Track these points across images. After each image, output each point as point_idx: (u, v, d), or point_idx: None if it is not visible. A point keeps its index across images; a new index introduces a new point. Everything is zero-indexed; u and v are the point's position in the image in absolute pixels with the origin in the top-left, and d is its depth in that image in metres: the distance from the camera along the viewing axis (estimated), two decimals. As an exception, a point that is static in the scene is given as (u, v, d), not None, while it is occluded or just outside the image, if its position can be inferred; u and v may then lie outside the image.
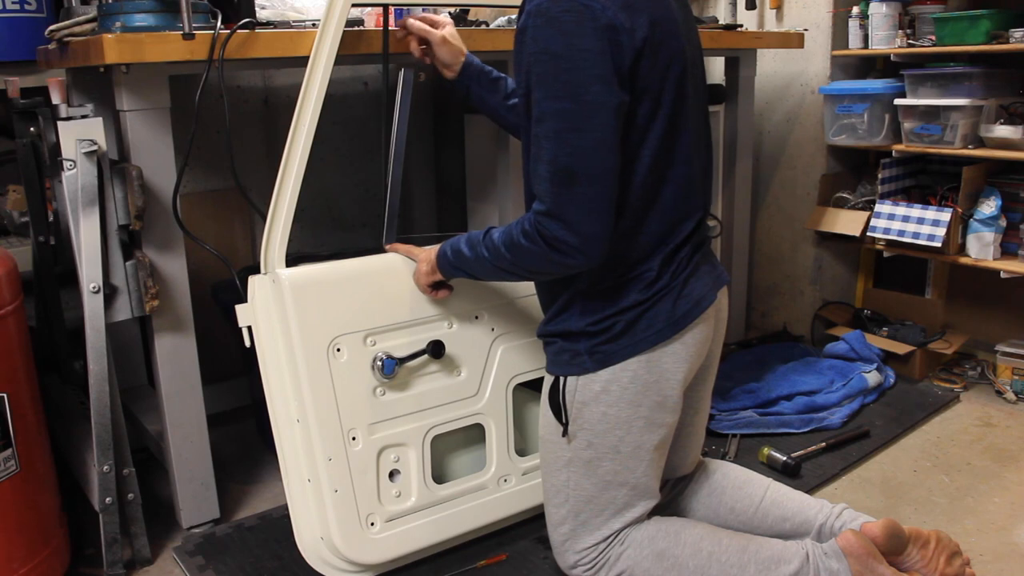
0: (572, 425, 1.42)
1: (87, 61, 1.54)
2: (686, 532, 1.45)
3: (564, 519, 1.46)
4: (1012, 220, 2.33)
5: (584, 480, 1.44)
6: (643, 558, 1.43)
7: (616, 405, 1.39)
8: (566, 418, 1.42)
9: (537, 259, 1.32)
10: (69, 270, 1.64)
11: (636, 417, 1.40)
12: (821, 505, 1.54)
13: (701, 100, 1.45)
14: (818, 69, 2.66)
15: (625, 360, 1.38)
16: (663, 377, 1.40)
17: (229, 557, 1.66)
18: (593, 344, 1.38)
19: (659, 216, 1.37)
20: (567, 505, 1.46)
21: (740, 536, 1.46)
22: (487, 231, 1.41)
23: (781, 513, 1.55)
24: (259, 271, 1.52)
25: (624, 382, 1.39)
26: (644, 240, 1.37)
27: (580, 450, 1.43)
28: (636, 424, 1.41)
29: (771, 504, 1.56)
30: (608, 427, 1.40)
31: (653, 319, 1.37)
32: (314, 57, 1.51)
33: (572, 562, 1.47)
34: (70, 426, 1.85)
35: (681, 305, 1.38)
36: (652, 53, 1.28)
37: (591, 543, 1.45)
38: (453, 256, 1.47)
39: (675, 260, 1.39)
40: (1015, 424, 2.21)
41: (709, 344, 1.47)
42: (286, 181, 1.50)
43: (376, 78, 2.48)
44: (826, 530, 1.50)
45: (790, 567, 1.38)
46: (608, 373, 1.38)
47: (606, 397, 1.39)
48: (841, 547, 1.39)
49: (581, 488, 1.44)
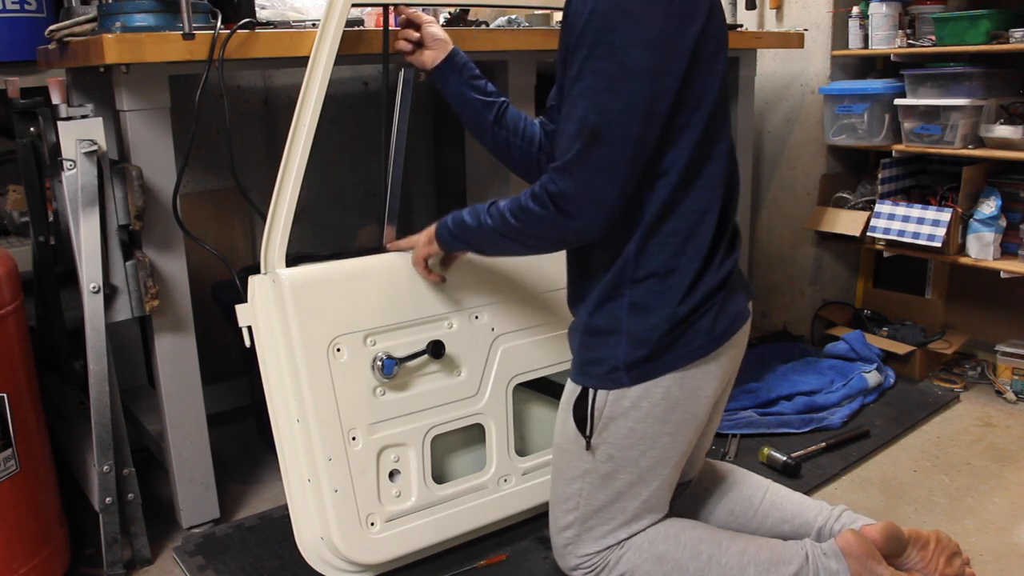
0: (596, 438, 1.39)
1: (87, 61, 1.54)
2: (686, 535, 1.44)
3: (570, 525, 1.45)
4: (1012, 220, 2.33)
5: (598, 491, 1.42)
6: (643, 561, 1.42)
7: (644, 421, 1.36)
8: (591, 431, 1.39)
9: (542, 223, 1.30)
10: (69, 270, 1.64)
11: (662, 433, 1.38)
12: (820, 507, 1.53)
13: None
14: (818, 69, 2.66)
15: (660, 376, 1.35)
16: (694, 394, 1.37)
17: (229, 557, 1.66)
18: (634, 360, 1.34)
19: (702, 194, 1.32)
20: (576, 512, 1.44)
21: (740, 538, 1.46)
22: (492, 202, 1.39)
23: (780, 515, 1.54)
24: (259, 271, 1.52)
25: (656, 398, 1.36)
26: (682, 228, 1.32)
27: (600, 463, 1.40)
28: (661, 440, 1.38)
29: (770, 506, 1.56)
30: (632, 442, 1.38)
31: (693, 336, 1.34)
32: (314, 57, 1.51)
33: (573, 565, 1.46)
34: (70, 426, 1.85)
35: (721, 322, 1.35)
36: (713, 25, 1.29)
37: (594, 550, 1.44)
38: (453, 225, 1.44)
39: (712, 265, 1.35)
40: (1015, 424, 2.21)
41: (740, 360, 1.46)
42: (286, 181, 1.50)
43: (376, 78, 2.48)
44: (825, 532, 1.49)
45: (790, 568, 1.38)
46: (640, 389, 1.35)
47: (635, 412, 1.36)
48: (840, 547, 1.39)
49: (594, 498, 1.42)
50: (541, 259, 1.71)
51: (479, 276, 1.65)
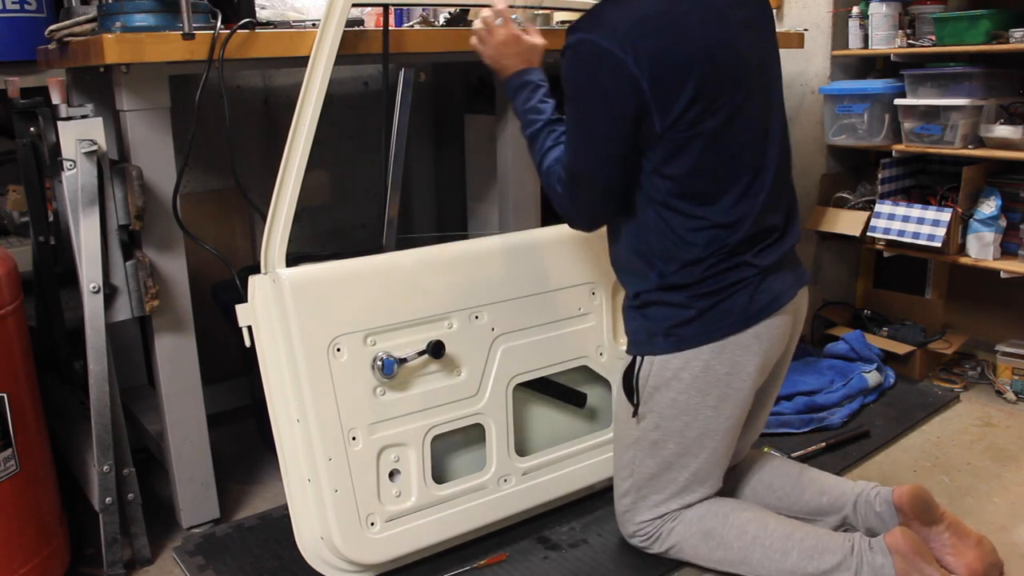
0: (642, 407, 1.50)
1: (87, 61, 1.54)
2: (734, 515, 1.51)
3: (627, 492, 1.57)
4: (1012, 220, 2.32)
5: (648, 459, 1.53)
6: (691, 535, 1.51)
7: (686, 392, 1.45)
8: (637, 399, 1.49)
9: (550, 197, 1.52)
10: (69, 270, 1.64)
11: (704, 405, 1.46)
12: (857, 482, 1.61)
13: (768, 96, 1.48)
14: (818, 69, 2.66)
15: (698, 347, 1.43)
16: (734, 370, 1.45)
17: (229, 557, 1.66)
18: (668, 325, 1.44)
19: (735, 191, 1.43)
20: (631, 480, 1.56)
21: (787, 522, 1.51)
22: (547, 148, 1.51)
23: (818, 488, 1.61)
24: (259, 271, 1.52)
25: (696, 370, 1.44)
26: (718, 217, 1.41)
27: (647, 431, 1.51)
28: (703, 412, 1.47)
29: (808, 480, 1.62)
30: (676, 412, 1.47)
31: (728, 310, 1.42)
32: (314, 57, 1.51)
33: (631, 532, 1.59)
34: (70, 426, 1.85)
35: (759, 299, 1.43)
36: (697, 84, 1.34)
37: (649, 517, 1.55)
38: (518, 100, 1.55)
39: (755, 248, 1.43)
40: (1015, 424, 2.21)
41: (786, 341, 1.53)
42: (286, 181, 1.50)
43: (376, 78, 2.48)
44: (861, 502, 1.54)
45: (834, 558, 1.41)
46: (681, 360, 1.44)
47: (677, 384, 1.45)
48: (888, 544, 1.40)
49: (645, 466, 1.53)
50: (541, 259, 1.71)
51: (479, 276, 1.65)
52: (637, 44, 1.31)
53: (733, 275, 1.42)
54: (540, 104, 1.53)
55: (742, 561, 1.49)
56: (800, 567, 1.43)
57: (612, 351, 1.80)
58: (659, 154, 1.38)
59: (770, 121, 1.46)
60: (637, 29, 1.32)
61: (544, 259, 1.71)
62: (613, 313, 1.80)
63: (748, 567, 1.49)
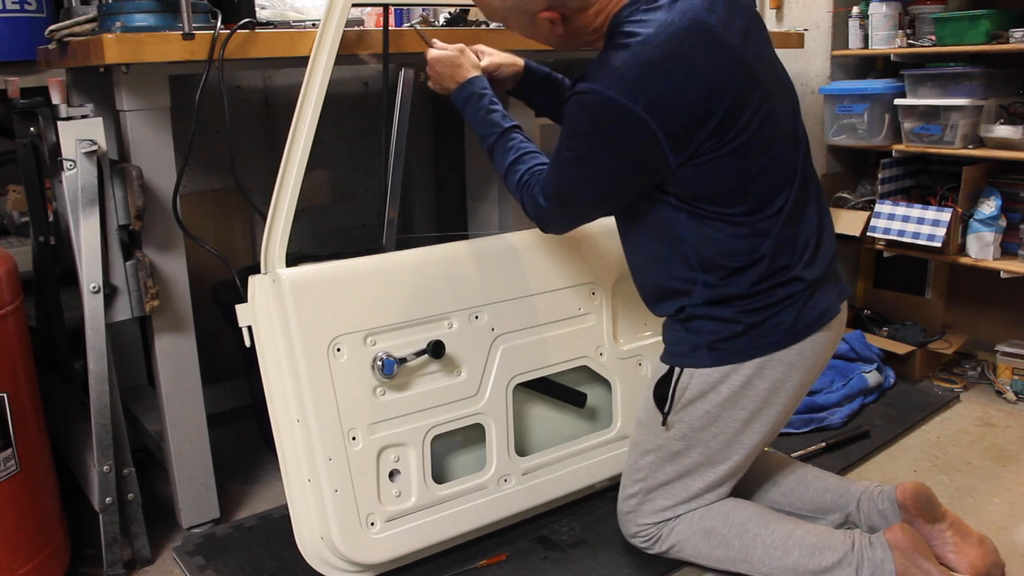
0: (673, 416, 1.46)
1: (87, 61, 1.54)
2: (735, 513, 1.50)
3: (635, 494, 1.56)
4: (1012, 220, 2.32)
5: (667, 466, 1.51)
6: (692, 534, 1.51)
7: (721, 405, 1.43)
8: (669, 409, 1.46)
9: (522, 206, 1.50)
10: (69, 270, 1.64)
11: (735, 420, 1.45)
12: (860, 481, 1.60)
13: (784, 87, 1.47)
14: (818, 69, 2.66)
15: (742, 362, 1.40)
16: (774, 387, 1.43)
17: (229, 557, 1.66)
18: (714, 340, 1.41)
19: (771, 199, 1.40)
20: (642, 484, 1.55)
21: (788, 520, 1.51)
22: (509, 162, 1.49)
23: (822, 485, 1.60)
24: (259, 271, 1.52)
25: (736, 385, 1.42)
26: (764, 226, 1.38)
27: (673, 440, 1.49)
28: (734, 426, 1.45)
29: (813, 477, 1.62)
30: (706, 424, 1.45)
31: (776, 326, 1.39)
32: (314, 57, 1.51)
33: (632, 532, 1.58)
34: (70, 426, 1.84)
35: (805, 315, 1.41)
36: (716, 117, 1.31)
37: (653, 520, 1.55)
38: (467, 107, 1.55)
39: (803, 259, 1.41)
40: (1015, 424, 2.21)
41: (828, 358, 1.50)
42: (286, 181, 1.50)
43: (376, 78, 2.48)
44: (865, 499, 1.54)
45: (835, 554, 1.41)
46: (720, 373, 1.42)
47: (714, 396, 1.43)
48: (888, 540, 1.41)
49: (661, 472, 1.52)
50: (541, 259, 1.71)
51: (479, 276, 1.65)
52: (647, 90, 1.27)
53: (782, 291, 1.39)
54: (488, 116, 1.52)
55: (743, 559, 1.49)
56: (801, 564, 1.43)
57: (612, 351, 1.80)
58: (680, 180, 1.35)
59: (796, 118, 1.47)
60: (645, 73, 1.28)
61: (544, 259, 1.71)
62: (613, 313, 1.80)
63: (749, 565, 1.49)
